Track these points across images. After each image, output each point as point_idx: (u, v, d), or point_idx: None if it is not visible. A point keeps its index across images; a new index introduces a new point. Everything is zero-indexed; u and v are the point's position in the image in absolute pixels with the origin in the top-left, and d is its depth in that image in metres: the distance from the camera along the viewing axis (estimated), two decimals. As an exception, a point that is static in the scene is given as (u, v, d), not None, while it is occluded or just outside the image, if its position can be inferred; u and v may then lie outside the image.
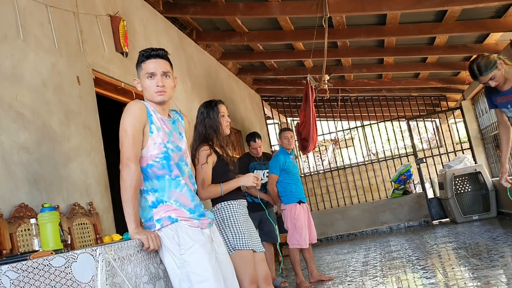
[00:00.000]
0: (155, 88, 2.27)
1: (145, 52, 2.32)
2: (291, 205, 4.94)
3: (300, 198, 4.99)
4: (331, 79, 8.20)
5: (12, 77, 2.98)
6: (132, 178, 2.12)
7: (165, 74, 2.30)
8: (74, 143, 3.46)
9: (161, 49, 2.33)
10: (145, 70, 2.29)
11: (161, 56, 2.31)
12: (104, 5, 4.24)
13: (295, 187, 4.99)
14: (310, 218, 5.16)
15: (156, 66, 2.28)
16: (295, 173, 5.05)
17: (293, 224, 4.92)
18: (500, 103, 3.43)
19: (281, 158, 5.00)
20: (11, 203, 2.74)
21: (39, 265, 1.75)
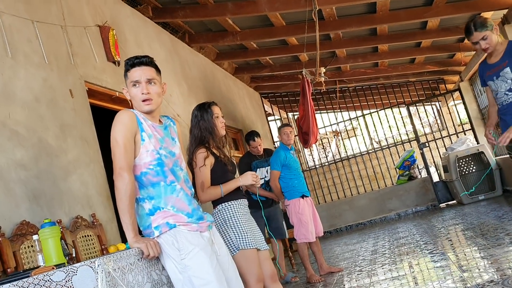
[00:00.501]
0: (141, 96, 2.27)
1: (129, 60, 2.31)
2: (295, 200, 4.96)
3: (303, 192, 5.01)
4: (327, 71, 8.20)
5: (4, 95, 2.99)
6: (127, 187, 2.13)
7: (149, 81, 2.29)
8: (72, 156, 3.47)
9: (145, 56, 2.32)
10: (130, 78, 2.29)
11: (146, 63, 2.30)
12: (92, 16, 4.25)
13: (297, 182, 5.01)
14: (315, 212, 5.16)
15: (140, 73, 2.27)
16: (296, 168, 5.06)
17: (298, 218, 4.93)
18: (488, 76, 3.40)
19: (282, 154, 5.01)
20: (12, 220, 2.76)
21: (39, 281, 1.76)
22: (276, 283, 2.94)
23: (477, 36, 3.26)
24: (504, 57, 3.27)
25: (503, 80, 3.27)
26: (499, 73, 3.28)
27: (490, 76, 3.36)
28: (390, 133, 12.69)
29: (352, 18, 6.51)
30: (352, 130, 14.22)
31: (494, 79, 3.33)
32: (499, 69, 3.27)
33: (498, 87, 3.33)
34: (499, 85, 3.31)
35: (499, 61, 3.29)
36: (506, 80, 3.26)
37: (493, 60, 3.35)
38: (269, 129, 10.23)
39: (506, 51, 3.29)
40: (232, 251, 2.75)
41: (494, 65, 3.33)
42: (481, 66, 3.49)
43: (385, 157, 10.55)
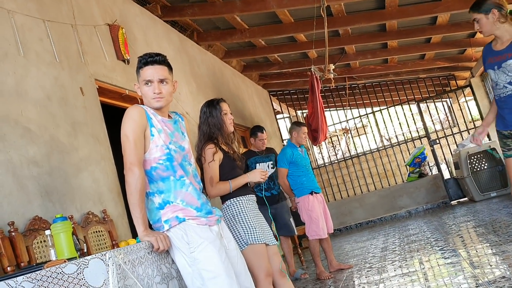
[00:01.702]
0: (152, 95, 2.29)
1: (143, 58, 2.33)
2: (304, 197, 4.97)
3: (312, 189, 5.01)
4: (336, 68, 8.18)
5: (16, 94, 3.04)
6: (137, 182, 2.16)
7: (162, 81, 2.31)
8: (83, 153, 3.51)
9: (158, 55, 2.33)
10: (142, 76, 2.31)
11: (159, 62, 2.31)
12: (101, 15, 4.29)
13: (305, 179, 5.02)
14: (326, 209, 5.15)
15: (153, 73, 2.29)
16: (304, 165, 5.07)
17: (308, 215, 4.94)
18: (489, 64, 3.14)
19: (288, 151, 5.04)
20: (26, 216, 2.80)
21: (52, 274, 1.79)
22: (285, 278, 2.95)
23: (472, 16, 3.07)
24: (509, 47, 2.99)
25: (503, 71, 3.02)
26: (501, 64, 3.01)
27: (491, 65, 3.10)
28: (401, 130, 12.63)
29: (361, 14, 6.49)
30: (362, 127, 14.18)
31: (495, 68, 3.07)
32: (502, 59, 3.01)
33: (497, 77, 3.07)
34: (499, 76, 3.05)
35: (504, 49, 3.02)
36: (507, 73, 3.01)
37: (498, 46, 3.08)
38: (278, 127, 10.23)
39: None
40: (241, 246, 2.77)
41: (497, 53, 3.06)
42: (485, 48, 3.22)
43: (395, 154, 10.50)
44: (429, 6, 6.24)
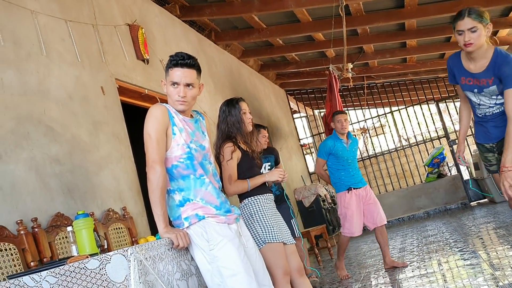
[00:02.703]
0: (176, 97, 2.32)
1: (174, 59, 2.33)
2: (341, 194, 4.84)
3: (350, 185, 4.81)
4: (354, 67, 8.15)
5: (39, 93, 3.10)
6: (159, 180, 2.19)
7: (188, 85, 2.32)
8: (104, 151, 3.57)
9: (190, 58, 2.33)
10: (170, 77, 2.33)
11: (188, 65, 2.32)
12: (121, 15, 4.34)
13: (344, 173, 4.84)
14: (371, 202, 4.85)
15: (181, 76, 2.30)
16: (345, 158, 4.84)
17: (344, 212, 4.81)
18: (464, 85, 2.86)
19: (328, 142, 4.90)
20: (48, 213, 2.86)
21: (75, 269, 1.83)
22: (302, 277, 2.96)
23: (467, 23, 2.63)
24: (488, 71, 2.70)
25: (486, 96, 2.79)
26: (483, 89, 2.76)
27: (469, 87, 2.83)
28: (419, 130, 12.51)
29: (380, 13, 6.45)
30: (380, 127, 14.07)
31: (475, 91, 2.81)
32: (482, 85, 2.75)
33: (480, 100, 2.85)
34: (481, 99, 2.83)
35: (481, 73, 2.73)
36: (491, 97, 2.77)
37: (473, 68, 2.77)
38: (295, 127, 10.22)
39: (491, 64, 2.70)
40: (258, 244, 2.78)
41: (474, 76, 2.77)
42: (454, 61, 2.89)
43: (413, 155, 10.41)
44: (449, 5, 6.17)
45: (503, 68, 2.66)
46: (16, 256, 2.53)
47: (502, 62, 2.67)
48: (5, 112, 2.80)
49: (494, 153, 2.93)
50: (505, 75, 2.65)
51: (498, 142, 2.88)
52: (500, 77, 2.68)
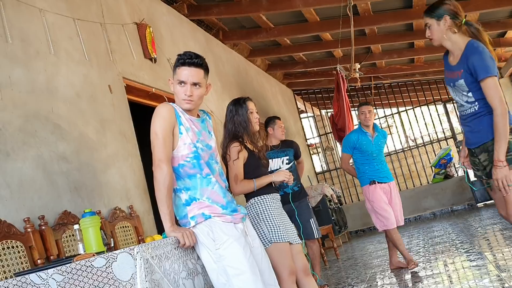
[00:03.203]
0: (183, 96, 2.32)
1: (181, 57, 2.33)
2: (365, 187, 4.69)
3: (374, 178, 4.65)
4: (362, 67, 8.13)
5: (47, 91, 3.12)
6: (165, 179, 2.19)
7: (195, 85, 2.33)
8: (111, 150, 3.58)
9: (197, 57, 2.33)
10: (177, 76, 2.33)
11: (196, 64, 2.32)
12: (129, 14, 4.35)
13: (368, 167, 4.69)
14: (395, 199, 4.68)
15: (188, 75, 2.31)
16: (370, 152, 4.68)
17: (370, 206, 4.65)
18: (447, 79, 2.82)
19: (352, 136, 4.75)
20: (55, 211, 2.88)
21: (82, 267, 1.84)
22: (308, 277, 2.96)
23: (423, 20, 2.73)
24: (460, 63, 2.66)
25: (458, 91, 2.73)
26: (455, 83, 2.71)
27: (448, 80, 2.79)
28: (426, 131, 12.45)
29: (388, 13, 6.43)
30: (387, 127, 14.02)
31: (452, 85, 2.77)
32: (454, 78, 2.71)
33: (455, 95, 2.78)
34: (456, 93, 2.77)
35: (455, 65, 2.70)
36: (462, 93, 2.71)
37: (451, 61, 2.75)
38: (302, 127, 10.21)
39: (462, 56, 2.65)
40: (264, 244, 2.78)
41: (451, 69, 2.75)
42: (444, 57, 2.90)
43: (420, 155, 10.36)
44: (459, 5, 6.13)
45: (471, 59, 2.59)
46: (23, 253, 2.54)
47: (470, 53, 2.62)
48: (13, 110, 2.81)
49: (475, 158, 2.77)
50: (473, 66, 2.58)
51: (475, 149, 2.73)
52: (470, 70, 2.60)
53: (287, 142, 4.81)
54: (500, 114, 2.52)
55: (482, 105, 2.63)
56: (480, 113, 2.65)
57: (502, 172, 2.52)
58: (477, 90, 2.62)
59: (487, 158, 2.64)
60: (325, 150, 11.87)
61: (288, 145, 4.74)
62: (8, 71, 2.86)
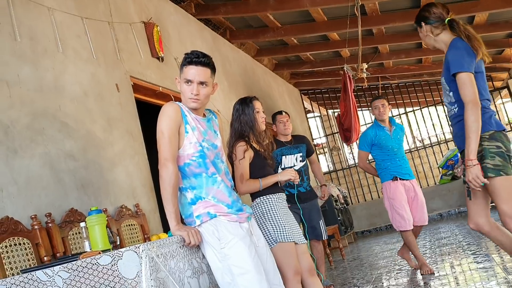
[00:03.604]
0: (189, 95, 2.33)
1: (188, 56, 2.34)
2: (386, 183, 4.47)
3: (396, 174, 4.44)
4: (369, 67, 8.10)
5: (55, 89, 3.13)
6: (171, 177, 2.20)
7: (202, 84, 2.33)
8: (118, 148, 3.59)
9: (204, 56, 2.35)
10: (184, 74, 2.34)
11: (203, 63, 2.33)
12: (137, 13, 4.37)
13: (389, 163, 4.47)
14: (417, 197, 4.45)
15: (195, 74, 2.32)
16: (390, 147, 4.47)
17: (390, 203, 4.43)
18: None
19: (369, 133, 4.57)
20: (62, 208, 2.89)
21: (87, 264, 1.85)
22: (313, 277, 2.95)
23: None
24: (444, 62, 2.69)
25: (444, 91, 2.72)
26: (441, 82, 2.74)
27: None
28: (434, 132, 12.39)
29: (396, 13, 6.40)
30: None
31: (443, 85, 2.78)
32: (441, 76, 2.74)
33: (444, 97, 2.76)
34: (444, 95, 2.75)
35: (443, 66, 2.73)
36: (445, 91, 2.69)
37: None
38: (308, 126, 10.19)
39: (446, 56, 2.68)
40: (270, 243, 2.78)
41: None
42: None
43: (428, 156, 10.31)
44: (467, 6, 6.11)
45: (447, 55, 2.62)
46: (30, 250, 2.56)
47: (449, 49, 2.64)
48: (21, 108, 2.83)
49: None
50: (448, 62, 2.59)
51: (461, 153, 2.67)
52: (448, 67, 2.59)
53: (298, 137, 4.67)
54: (469, 109, 2.47)
55: (461, 108, 2.59)
56: (459, 116, 2.61)
57: (473, 172, 2.44)
58: (456, 90, 2.59)
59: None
60: (332, 150, 11.85)
61: (300, 140, 4.62)
62: (16, 69, 2.88)
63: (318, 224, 4.45)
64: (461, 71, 2.52)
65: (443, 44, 2.72)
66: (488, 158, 2.48)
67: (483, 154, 2.50)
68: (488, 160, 2.48)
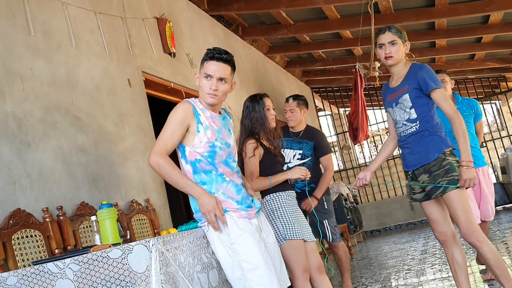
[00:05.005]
0: (208, 90, 2.34)
1: (210, 52, 2.36)
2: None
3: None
4: (382, 66, 8.04)
5: (68, 83, 3.15)
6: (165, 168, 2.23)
7: (221, 80, 2.35)
8: (129, 143, 3.61)
9: (226, 53, 2.37)
10: (205, 69, 2.36)
11: (224, 60, 2.35)
12: (150, 8, 4.38)
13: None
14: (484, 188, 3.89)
15: (215, 69, 2.33)
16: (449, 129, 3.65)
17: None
18: (387, 102, 2.92)
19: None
20: (73, 202, 2.92)
21: (98, 257, 1.86)
22: (322, 275, 2.95)
23: (387, 37, 2.80)
24: (404, 81, 2.79)
25: (401, 108, 2.79)
26: (398, 100, 2.80)
27: (390, 102, 2.88)
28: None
29: (409, 11, 6.35)
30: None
31: (393, 105, 2.84)
32: (398, 95, 2.81)
33: (396, 115, 2.84)
34: (397, 113, 2.82)
35: (399, 85, 2.82)
36: (405, 109, 2.77)
37: (394, 84, 2.88)
38: (319, 125, 10.16)
39: (407, 74, 2.80)
40: (279, 240, 2.78)
41: (394, 90, 2.85)
42: (384, 88, 3.01)
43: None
44: (482, 5, 6.03)
45: (420, 73, 2.73)
46: (41, 242, 2.59)
47: (418, 69, 2.76)
48: (34, 101, 2.86)
49: (415, 180, 2.80)
50: (424, 79, 2.70)
51: (415, 171, 2.78)
52: (419, 84, 2.72)
53: (309, 131, 4.11)
54: (457, 118, 2.65)
55: (423, 124, 2.73)
56: (420, 132, 2.74)
57: (472, 173, 2.58)
58: (419, 106, 2.73)
59: (427, 180, 2.69)
60: (342, 149, 11.80)
61: (309, 135, 4.07)
62: (30, 63, 2.90)
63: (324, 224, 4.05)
64: (439, 87, 2.69)
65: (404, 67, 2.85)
66: (455, 171, 2.62)
67: (449, 168, 2.63)
68: (455, 173, 2.62)
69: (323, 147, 4.10)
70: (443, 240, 2.79)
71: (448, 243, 2.77)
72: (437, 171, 2.64)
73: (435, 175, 2.64)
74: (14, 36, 2.85)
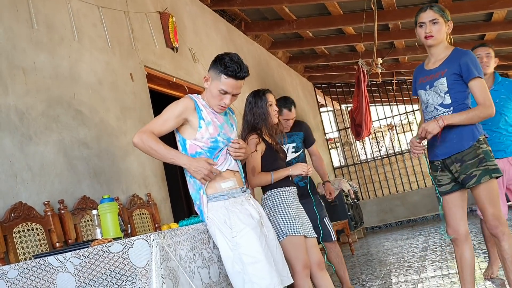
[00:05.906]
0: (220, 103, 2.37)
1: (231, 68, 2.31)
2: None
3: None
4: (384, 63, 8.02)
5: (70, 77, 3.16)
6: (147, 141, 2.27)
7: (235, 95, 2.38)
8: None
9: (246, 71, 2.36)
10: (222, 84, 2.33)
11: (242, 78, 2.36)
12: (153, 3, 4.37)
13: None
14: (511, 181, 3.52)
15: (233, 87, 2.34)
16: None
17: None
18: (420, 84, 2.77)
19: None
20: (75, 195, 2.92)
21: (99, 252, 1.87)
22: (322, 271, 2.95)
23: (428, 15, 2.64)
24: (443, 65, 2.64)
25: (436, 91, 2.65)
26: (433, 83, 2.66)
27: (423, 84, 2.73)
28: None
29: (413, 8, 6.31)
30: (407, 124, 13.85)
31: (427, 88, 2.70)
32: (434, 78, 2.66)
33: (428, 98, 2.69)
34: (430, 96, 2.68)
35: (437, 68, 2.67)
36: (439, 93, 2.63)
37: (431, 66, 2.72)
38: (321, 121, 10.15)
39: (448, 58, 2.64)
40: (279, 236, 2.79)
41: (430, 72, 2.70)
42: (417, 69, 2.86)
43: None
44: (485, 2, 6.01)
45: (463, 59, 2.59)
46: (42, 236, 2.59)
47: (462, 54, 2.62)
48: (37, 95, 2.86)
49: (444, 171, 2.67)
50: (466, 65, 2.57)
51: (446, 160, 2.65)
52: (460, 69, 2.58)
53: (295, 124, 4.01)
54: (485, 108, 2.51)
55: (457, 111, 2.59)
56: None
57: (433, 126, 2.51)
58: (455, 93, 2.61)
59: (459, 170, 2.57)
60: (344, 145, 11.80)
61: (297, 127, 3.99)
62: (33, 56, 2.90)
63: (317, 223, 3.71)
64: (482, 77, 2.57)
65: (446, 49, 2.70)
66: (490, 160, 2.52)
67: (483, 157, 2.52)
68: (490, 162, 2.52)
69: (311, 135, 4.11)
70: (455, 238, 2.70)
71: (459, 242, 2.70)
72: (471, 160, 2.52)
73: (469, 164, 2.52)
74: (17, 29, 2.85)
